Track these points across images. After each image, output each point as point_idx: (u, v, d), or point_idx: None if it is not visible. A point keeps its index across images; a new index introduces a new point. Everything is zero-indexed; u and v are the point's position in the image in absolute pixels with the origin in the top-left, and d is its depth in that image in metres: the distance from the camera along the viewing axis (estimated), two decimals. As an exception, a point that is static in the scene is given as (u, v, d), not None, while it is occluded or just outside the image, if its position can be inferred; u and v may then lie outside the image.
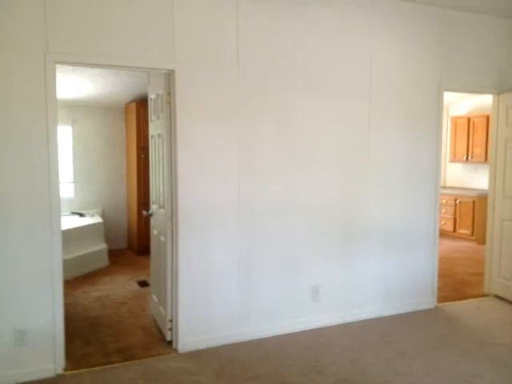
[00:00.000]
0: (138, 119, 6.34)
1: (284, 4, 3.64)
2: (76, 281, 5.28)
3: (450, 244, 7.46)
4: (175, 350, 3.51)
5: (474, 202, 7.62)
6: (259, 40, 3.59)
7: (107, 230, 6.52)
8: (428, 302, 4.45)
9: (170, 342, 3.58)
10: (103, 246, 6.10)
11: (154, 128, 3.94)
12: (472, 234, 7.68)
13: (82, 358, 3.38)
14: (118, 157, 6.92)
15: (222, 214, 3.57)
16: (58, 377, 3.13)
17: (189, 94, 3.39)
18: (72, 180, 6.70)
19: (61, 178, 3.20)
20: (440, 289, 4.63)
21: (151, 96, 4.00)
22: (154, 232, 4.05)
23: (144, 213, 4.29)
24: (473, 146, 7.97)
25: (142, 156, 6.31)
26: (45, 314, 3.11)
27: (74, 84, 5.58)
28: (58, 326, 3.16)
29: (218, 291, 3.60)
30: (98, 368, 3.25)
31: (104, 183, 6.87)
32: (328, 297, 4.00)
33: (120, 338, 3.75)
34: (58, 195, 3.13)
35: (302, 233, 3.87)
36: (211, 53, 3.44)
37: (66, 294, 3.55)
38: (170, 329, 3.58)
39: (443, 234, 7.34)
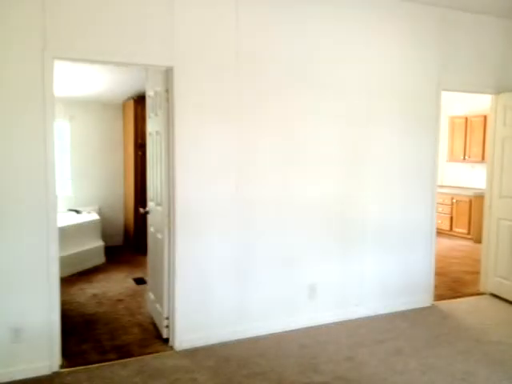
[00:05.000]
0: (135, 116, 6.33)
1: (284, 3, 3.63)
2: (72, 278, 5.27)
3: (446, 243, 7.48)
4: (172, 348, 3.50)
5: (470, 201, 7.65)
6: (258, 38, 3.58)
7: (104, 227, 6.50)
8: (424, 300, 4.46)
9: (167, 340, 3.58)
10: (100, 243, 6.09)
11: (152, 125, 3.93)
12: (468, 233, 7.70)
13: (78, 356, 3.38)
14: (115, 154, 6.91)
15: (219, 212, 3.56)
16: (54, 374, 3.12)
17: (187, 91, 3.38)
18: (69, 177, 6.68)
19: (57, 175, 3.19)
20: (436, 287, 4.65)
21: (149, 93, 3.99)
22: (151, 229, 4.04)
23: (141, 210, 4.28)
24: (470, 146, 8.00)
25: (140, 153, 6.29)
26: (41, 311, 3.10)
27: (72, 80, 5.56)
28: (54, 323, 3.15)
29: (215, 289, 3.60)
30: (95, 365, 3.24)
31: (101, 180, 6.86)
32: (325, 295, 4.01)
33: (116, 335, 3.75)
34: (55, 192, 3.11)
35: (300, 232, 3.87)
36: (210, 50, 3.43)
37: (62, 292, 3.54)
38: (167, 326, 3.57)
39: (440, 232, 7.35)
